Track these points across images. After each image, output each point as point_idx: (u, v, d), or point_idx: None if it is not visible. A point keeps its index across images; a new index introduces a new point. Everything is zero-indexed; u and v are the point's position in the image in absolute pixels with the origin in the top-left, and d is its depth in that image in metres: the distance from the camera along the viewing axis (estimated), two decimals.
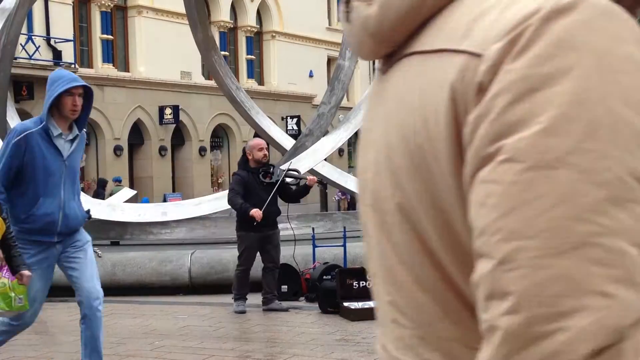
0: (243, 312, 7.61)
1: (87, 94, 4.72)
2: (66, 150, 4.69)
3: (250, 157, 7.79)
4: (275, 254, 7.79)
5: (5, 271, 4.38)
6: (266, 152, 7.87)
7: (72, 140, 4.74)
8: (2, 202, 4.50)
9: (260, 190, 7.64)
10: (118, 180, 20.34)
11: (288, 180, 7.93)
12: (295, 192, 8.01)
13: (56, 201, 4.64)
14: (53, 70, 22.91)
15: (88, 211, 4.95)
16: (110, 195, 18.54)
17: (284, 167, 8.21)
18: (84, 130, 4.88)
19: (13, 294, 4.38)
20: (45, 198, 4.61)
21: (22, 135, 4.63)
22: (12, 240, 4.09)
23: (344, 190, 17.79)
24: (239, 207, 7.56)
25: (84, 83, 4.70)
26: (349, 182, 14.07)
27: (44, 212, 4.60)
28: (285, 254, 8.34)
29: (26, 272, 4.14)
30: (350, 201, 26.84)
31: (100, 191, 20.15)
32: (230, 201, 7.73)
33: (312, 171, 12.60)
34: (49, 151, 4.63)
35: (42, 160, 4.60)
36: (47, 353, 6.11)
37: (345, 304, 7.34)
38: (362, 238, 0.92)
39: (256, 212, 7.40)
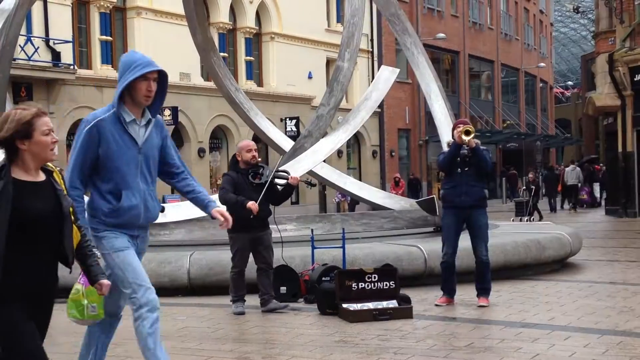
0: (242, 313, 7.62)
1: (161, 79, 4.41)
2: (141, 137, 4.37)
3: (239, 159, 7.82)
4: (266, 254, 7.78)
5: (82, 277, 4.06)
6: (255, 154, 7.87)
7: (145, 126, 4.40)
8: (77, 201, 4.16)
9: (250, 190, 7.64)
10: None
11: (278, 181, 7.91)
12: (282, 192, 7.96)
13: (138, 192, 4.38)
14: (52, 71, 22.76)
15: (162, 205, 4.80)
16: None
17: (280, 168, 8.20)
18: (159, 116, 4.53)
19: (86, 302, 4.09)
20: (126, 190, 4.33)
21: (94, 123, 4.29)
22: (88, 249, 3.81)
23: (342, 192, 17.78)
24: (234, 201, 7.49)
25: (160, 68, 4.39)
26: (348, 183, 14.06)
27: (129, 205, 4.35)
28: (284, 255, 8.33)
29: (105, 282, 3.84)
30: (350, 203, 26.79)
31: None
32: (222, 199, 7.61)
33: (311, 173, 12.59)
34: (123, 139, 4.31)
35: (117, 149, 4.29)
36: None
37: (344, 305, 7.35)
38: None
39: (253, 205, 7.37)
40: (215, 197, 12.10)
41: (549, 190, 29.86)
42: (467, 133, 7.76)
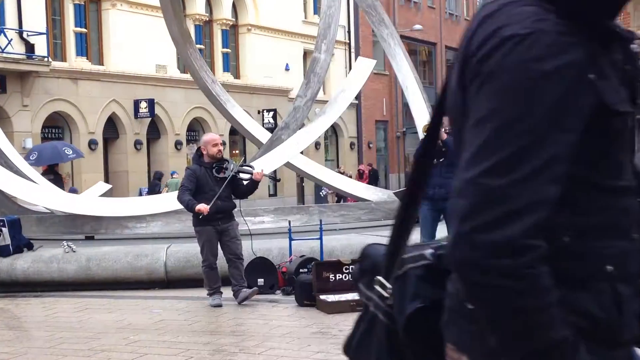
0: (219, 305, 7.60)
1: None
2: None
3: (204, 152, 7.84)
4: (233, 245, 7.81)
5: None
6: (221, 148, 7.91)
7: None
8: None
9: (215, 185, 7.70)
10: (175, 174, 21.84)
11: (242, 175, 7.96)
12: (246, 187, 8.00)
13: None
14: (26, 63, 22.50)
15: None
16: (166, 187, 20.74)
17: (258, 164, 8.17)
18: None
19: None
20: None
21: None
22: None
23: (319, 184, 17.76)
24: (185, 204, 7.71)
25: None
26: (325, 175, 14.05)
27: None
28: (261, 247, 8.32)
29: None
30: (337, 195, 26.65)
31: (156, 183, 21.87)
32: (178, 198, 7.83)
33: (288, 164, 12.57)
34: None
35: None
36: (20, 349, 6.05)
37: (322, 297, 7.34)
38: None
39: (202, 207, 7.50)
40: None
41: None
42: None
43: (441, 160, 7.83)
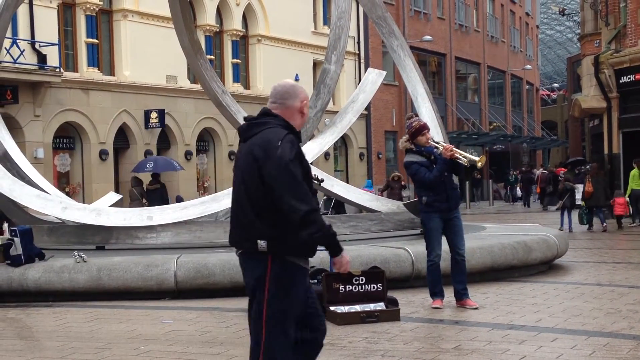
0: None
1: None
2: None
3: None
4: None
5: None
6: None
7: None
8: None
9: None
10: None
11: None
12: None
13: None
14: (38, 74, 22.82)
15: None
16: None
17: None
18: None
19: None
20: None
21: None
22: None
23: (330, 195, 17.77)
24: None
25: None
26: (335, 186, 14.05)
27: None
28: None
29: None
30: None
31: None
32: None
33: None
34: None
35: None
36: (32, 359, 6.08)
37: (332, 308, 7.34)
38: None
39: None
40: (196, 201, 11.99)
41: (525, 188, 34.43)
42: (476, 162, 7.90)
43: (445, 174, 7.86)
